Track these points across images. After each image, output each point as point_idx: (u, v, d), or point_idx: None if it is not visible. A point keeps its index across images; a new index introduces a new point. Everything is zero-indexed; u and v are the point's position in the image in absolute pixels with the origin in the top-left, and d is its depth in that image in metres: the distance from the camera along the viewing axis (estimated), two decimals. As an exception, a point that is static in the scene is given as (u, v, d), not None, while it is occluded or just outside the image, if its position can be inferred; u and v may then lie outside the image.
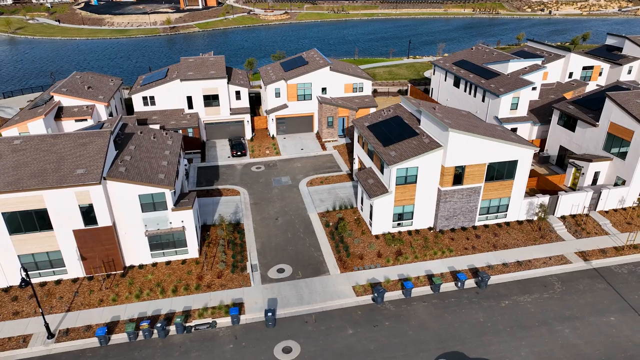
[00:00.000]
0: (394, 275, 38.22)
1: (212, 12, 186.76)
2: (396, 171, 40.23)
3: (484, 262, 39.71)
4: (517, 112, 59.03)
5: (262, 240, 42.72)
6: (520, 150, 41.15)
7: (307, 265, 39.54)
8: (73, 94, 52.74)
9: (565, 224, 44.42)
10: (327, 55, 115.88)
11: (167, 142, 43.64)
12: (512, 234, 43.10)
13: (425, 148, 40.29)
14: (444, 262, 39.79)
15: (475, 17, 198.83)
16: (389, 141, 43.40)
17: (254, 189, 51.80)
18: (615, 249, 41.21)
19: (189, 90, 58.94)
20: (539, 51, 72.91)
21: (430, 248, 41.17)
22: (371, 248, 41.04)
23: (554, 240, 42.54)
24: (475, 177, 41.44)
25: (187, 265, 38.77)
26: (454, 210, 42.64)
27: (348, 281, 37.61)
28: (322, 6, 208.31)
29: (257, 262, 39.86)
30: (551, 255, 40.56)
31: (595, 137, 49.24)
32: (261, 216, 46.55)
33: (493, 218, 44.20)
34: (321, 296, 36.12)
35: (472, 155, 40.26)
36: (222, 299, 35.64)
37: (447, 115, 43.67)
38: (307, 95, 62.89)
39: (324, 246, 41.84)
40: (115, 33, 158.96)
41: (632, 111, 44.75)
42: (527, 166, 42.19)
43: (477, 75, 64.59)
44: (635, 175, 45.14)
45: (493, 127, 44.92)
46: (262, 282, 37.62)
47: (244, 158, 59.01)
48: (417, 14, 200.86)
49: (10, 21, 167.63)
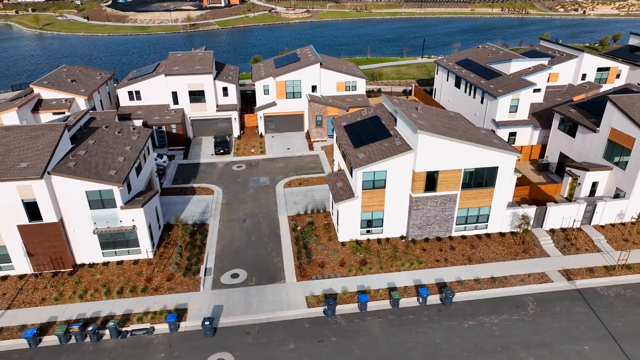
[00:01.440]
0: (354, 286, 35.55)
1: (234, 9, 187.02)
2: (362, 174, 37.54)
3: (454, 276, 36.50)
4: (517, 115, 55.01)
5: (223, 243, 40.82)
6: (501, 156, 37.70)
7: (264, 271, 37.36)
8: (54, 86, 52.38)
9: (553, 238, 40.56)
10: (338, 54, 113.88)
11: (132, 137, 42.32)
12: (492, 247, 39.62)
13: (395, 151, 37.41)
14: (411, 274, 36.81)
15: (503, 17, 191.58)
16: (360, 142, 40.71)
17: (230, 188, 50.01)
18: (605, 269, 37.17)
19: (174, 85, 57.75)
20: (550, 51, 68.22)
21: (399, 258, 38.24)
22: (334, 256, 38.47)
23: (537, 255, 38.82)
24: (450, 184, 38.23)
25: (138, 266, 37.27)
26: (428, 219, 39.53)
27: (303, 291, 35.20)
28: (345, 5, 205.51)
29: (212, 265, 37.97)
30: (531, 272, 36.93)
31: (596, 144, 44.99)
32: (229, 217, 44.68)
33: (472, 229, 40.81)
34: (270, 305, 33.87)
35: (445, 160, 37.12)
36: (167, 303, 33.89)
37: (425, 116, 40.59)
38: (296, 93, 60.69)
39: (286, 251, 39.56)
40: (137, 30, 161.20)
41: (634, 116, 40.45)
42: (509, 173, 38.65)
43: (478, 75, 60.80)
44: (635, 187, 40.80)
45: (476, 130, 41.51)
46: (213, 287, 35.69)
47: (227, 156, 57.35)
48: (443, 13, 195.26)
49: (39, 17, 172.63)
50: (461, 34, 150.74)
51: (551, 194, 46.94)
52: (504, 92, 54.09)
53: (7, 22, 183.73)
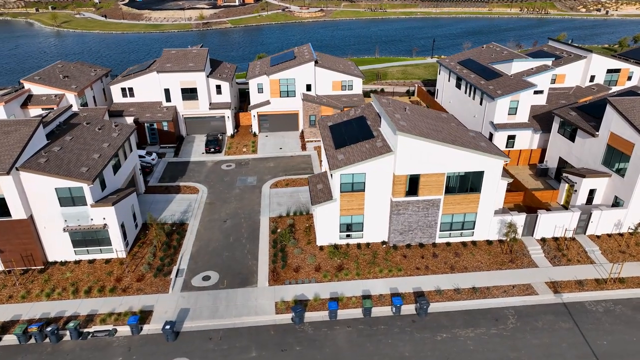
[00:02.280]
0: (327, 292, 34.18)
1: (247, 8, 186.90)
2: (340, 177, 36.11)
3: (433, 285, 34.78)
4: (517, 117, 52.73)
5: (200, 244, 39.90)
6: (487, 161, 35.80)
7: (237, 274, 36.27)
8: (44, 82, 52.32)
9: (543, 248, 38.44)
10: (345, 54, 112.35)
11: (112, 134, 41.75)
12: (477, 255, 37.73)
13: (375, 152, 35.88)
14: (388, 282, 35.23)
15: (522, 16, 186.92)
16: (342, 143, 39.28)
17: (216, 187, 49.12)
18: (596, 282, 34.94)
19: (166, 82, 57.17)
20: (558, 51, 65.52)
21: (377, 265, 36.69)
22: (310, 260, 37.14)
23: (524, 265, 36.79)
24: (433, 189, 36.50)
25: (110, 265, 36.61)
26: (409, 225, 37.86)
27: (273, 296, 33.98)
28: (360, 4, 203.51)
29: (185, 267, 37.05)
30: (516, 283, 34.95)
31: (595, 149, 42.61)
32: (210, 217, 43.76)
33: (457, 235, 38.97)
34: (238, 310, 32.75)
35: (427, 163, 35.42)
36: (133, 304, 33.09)
37: (411, 117, 38.94)
38: (290, 91, 59.51)
39: (262, 254, 38.40)
40: (150, 28, 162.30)
41: (634, 120, 38.03)
42: (495, 178, 36.70)
43: (479, 76, 58.62)
44: (634, 195, 38.38)
45: (464, 133, 39.62)
46: (182, 289, 34.76)
47: (218, 155, 56.52)
48: (459, 13, 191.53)
49: (57, 15, 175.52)
50: (475, 35, 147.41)
51: (547, 201, 44.74)
52: (502, 93, 51.89)
53: (28, 19, 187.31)
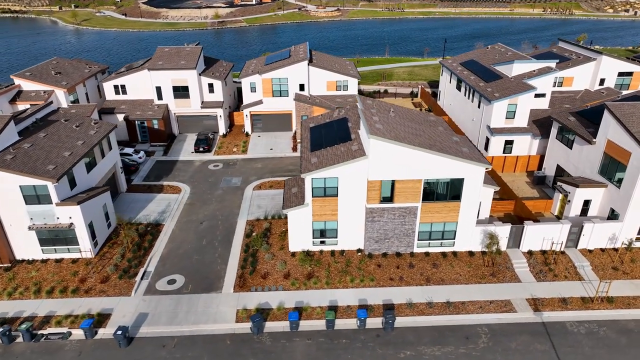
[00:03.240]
0: (292, 301, 32.72)
1: (264, 7, 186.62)
2: (312, 181, 34.59)
3: (405, 297, 32.92)
4: (515, 121, 50.17)
5: (172, 245, 38.96)
6: (467, 167, 33.71)
7: (204, 278, 35.15)
8: (35, 78, 52.40)
9: (529, 262, 36.09)
10: (353, 54, 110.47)
11: (89, 132, 41.23)
12: (456, 267, 35.66)
13: (349, 156, 34.23)
14: (358, 292, 33.54)
15: (544, 17, 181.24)
16: (319, 145, 37.74)
17: (199, 188, 48.22)
18: (581, 300, 32.49)
19: (157, 80, 56.61)
20: (567, 53, 62.38)
21: (350, 274, 35.02)
22: (280, 267, 35.74)
23: (506, 280, 34.54)
24: (409, 196, 34.62)
25: (76, 265, 35.98)
26: (385, 232, 36.06)
27: (236, 303, 32.71)
28: (377, 4, 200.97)
29: (152, 269, 36.14)
30: (494, 298, 32.79)
31: (592, 157, 39.93)
32: (188, 218, 42.82)
33: (437, 245, 36.95)
34: (197, 317, 31.60)
35: (403, 169, 33.57)
36: (93, 307, 32.31)
37: (392, 119, 37.14)
38: (283, 91, 58.21)
39: (233, 259, 37.19)
40: (166, 26, 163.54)
41: (631, 127, 35.33)
42: (476, 186, 34.56)
43: (478, 77, 56.18)
44: (630, 208, 35.67)
45: (447, 138, 37.55)
46: (145, 292, 33.82)
47: (207, 154, 55.66)
48: (479, 13, 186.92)
49: (77, 13, 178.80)
50: (492, 36, 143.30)
51: (540, 211, 42.25)
52: (500, 96, 49.44)
53: (51, 17, 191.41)
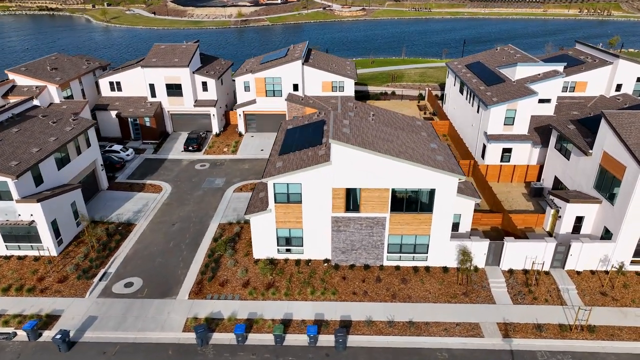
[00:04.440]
0: (246, 312, 31.16)
1: (288, 6, 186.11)
2: (274, 186, 32.92)
3: (365, 314, 30.79)
4: (514, 128, 46.95)
5: (138, 247, 38.11)
6: (438, 177, 31.24)
7: (162, 283, 34.06)
8: (29, 73, 52.86)
9: (508, 281, 33.24)
10: (367, 54, 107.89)
11: (65, 128, 40.93)
12: (427, 284, 33.20)
13: (313, 161, 32.37)
14: (316, 305, 31.64)
15: (580, 18, 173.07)
16: (288, 149, 36.02)
17: (180, 188, 47.37)
18: (559, 327, 29.49)
19: (150, 77, 56.21)
20: (584, 56, 58.28)
21: (311, 285, 33.15)
22: (241, 274, 34.24)
23: (480, 300, 31.86)
24: (377, 205, 32.44)
25: (38, 263, 35.57)
26: (352, 243, 33.98)
27: (188, 311, 31.41)
28: (404, 4, 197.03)
29: (113, 271, 35.34)
30: (462, 320, 30.23)
31: (588, 170, 36.58)
32: (161, 219, 41.95)
33: (409, 259, 34.58)
34: (145, 324, 30.48)
35: (368, 177, 31.45)
36: (44, 307, 31.71)
37: (366, 124, 35.02)
38: (277, 91, 56.75)
39: (196, 263, 35.96)
40: (190, 24, 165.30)
41: (628, 139, 31.95)
42: (449, 198, 32.02)
43: (481, 80, 53.06)
44: (623, 227, 32.28)
45: (423, 145, 35.08)
46: (100, 295, 33.00)
47: (197, 154, 54.83)
48: (510, 14, 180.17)
49: (106, 11, 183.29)
50: (519, 37, 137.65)
51: (530, 226, 39.14)
52: (498, 100, 46.35)
53: (84, 15, 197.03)
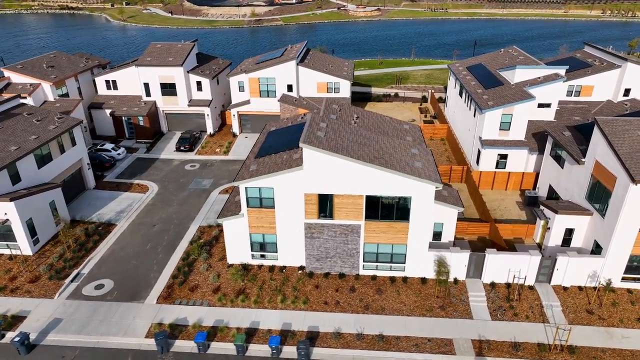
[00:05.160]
0: (212, 319, 30.31)
1: (303, 6, 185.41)
2: (246, 190, 31.99)
3: (334, 326, 29.58)
4: (510, 134, 45.04)
5: (115, 248, 37.67)
6: (414, 185, 29.83)
7: (132, 286, 33.48)
8: (25, 71, 53.13)
9: (489, 295, 31.60)
10: (377, 55, 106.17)
11: (49, 127, 40.80)
12: (402, 295, 31.80)
13: (286, 165, 31.32)
14: (285, 315, 30.58)
15: (603, 20, 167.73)
16: (265, 152, 35.03)
17: (167, 188, 46.89)
18: (537, 347, 27.78)
19: (145, 76, 55.98)
20: (591, 58, 55.77)
21: (282, 293, 32.10)
22: (213, 280, 33.42)
23: (457, 315, 30.32)
24: (350, 212, 31.20)
25: (12, 262, 35.41)
26: (327, 251, 32.80)
27: (154, 316, 30.71)
28: (420, 4, 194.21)
29: (86, 272, 34.92)
30: (435, 336, 28.76)
31: (581, 179, 34.62)
32: (142, 220, 41.48)
33: (386, 269, 33.22)
34: (109, 328, 29.89)
35: (341, 183, 30.25)
36: (11, 307, 31.43)
37: (344, 127, 33.81)
38: (270, 91, 55.87)
39: (169, 267, 35.30)
40: (204, 23, 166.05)
41: (619, 148, 29.99)
42: (427, 206, 30.56)
43: (479, 83, 51.21)
44: (612, 241, 30.31)
45: (404, 150, 33.65)
46: (69, 296, 32.57)
47: (189, 154, 54.37)
48: (529, 15, 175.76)
49: (124, 10, 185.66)
50: (535, 39, 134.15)
51: (520, 237, 37.31)
52: (494, 104, 44.52)
53: (102, 14, 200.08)
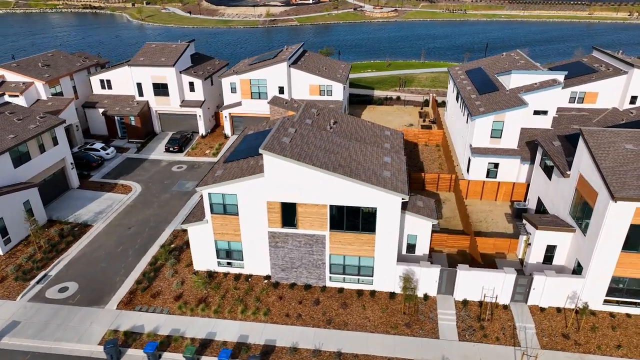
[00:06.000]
0: (169, 328, 29.50)
1: (319, 7, 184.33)
2: (209, 196, 31.09)
3: (292, 340, 28.39)
4: (502, 142, 43.00)
5: (87, 250, 37.32)
6: (379, 196, 28.39)
7: (96, 289, 32.99)
8: (19, 70, 53.58)
9: (459, 314, 29.90)
10: (383, 56, 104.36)
11: (29, 126, 40.80)
12: (368, 310, 30.37)
13: (250, 172, 30.30)
14: (244, 326, 29.53)
15: (629, 22, 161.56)
16: (235, 157, 34.09)
17: (150, 189, 46.48)
18: (503, 373, 26.05)
19: (138, 76, 55.81)
20: (598, 63, 53.04)
21: (244, 303, 31.07)
22: (176, 286, 32.65)
23: (422, 334, 28.73)
24: (315, 222, 29.95)
25: (-17, 262, 35.47)
26: (292, 261, 31.62)
27: (112, 322, 30.10)
28: (439, 5, 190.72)
29: (54, 273, 34.62)
30: (396, 356, 27.26)
31: (566, 193, 32.54)
32: (120, 222, 41.09)
33: (354, 282, 31.83)
34: (65, 333, 29.39)
35: (304, 191, 29.04)
36: (-26, 308, 31.38)
37: (319, 133, 32.58)
38: (262, 93, 54.99)
39: (136, 271, 34.69)
40: (220, 23, 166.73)
41: (602, 162, 27.91)
42: (393, 218, 29.07)
43: (475, 88, 49.21)
44: (592, 261, 28.25)
45: (375, 158, 32.19)
46: (32, 299, 32.27)
47: (178, 155, 53.94)
48: (551, 16, 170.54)
49: (142, 10, 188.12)
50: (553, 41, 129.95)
51: (503, 251, 35.39)
52: (485, 111, 42.56)
53: (123, 13, 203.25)
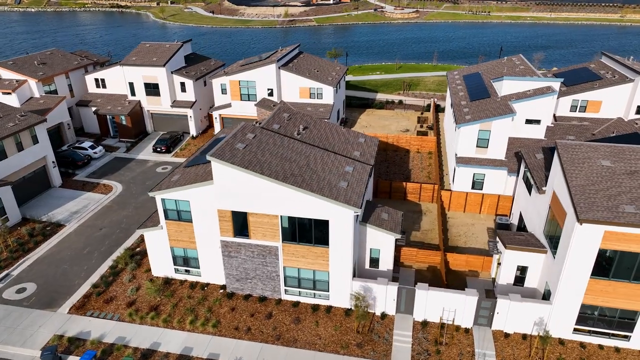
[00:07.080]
0: (114, 336, 28.80)
1: (339, 7, 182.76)
2: (162, 202, 30.28)
3: (236, 355, 27.24)
4: (488, 152, 40.75)
5: (54, 250, 37.15)
6: (331, 208, 26.91)
7: (53, 292, 32.67)
8: (14, 67, 54.28)
9: (417, 335, 28.11)
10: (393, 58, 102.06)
11: (7, 125, 41.05)
12: (321, 327, 28.92)
13: (202, 178, 29.32)
14: (190, 338, 28.55)
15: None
16: (196, 161, 33.19)
17: (130, 190, 46.22)
18: (451, 405, 24.18)
19: (129, 76, 55.83)
20: (604, 70, 49.89)
21: (194, 313, 30.11)
22: (130, 293, 31.98)
23: (374, 356, 27.10)
24: (267, 233, 28.71)
25: (-50, 259, 35.71)
26: (246, 272, 30.46)
27: (60, 327, 29.62)
28: (462, 6, 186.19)
29: (15, 274, 34.52)
30: (340, 378, 25.79)
31: (542, 210, 30.28)
32: (94, 222, 40.87)
33: (310, 296, 30.43)
34: (10, 337, 29.01)
35: (255, 200, 27.83)
36: None
37: (271, 141, 31.36)
38: (251, 95, 54.09)
39: (96, 275, 34.23)
40: (239, 23, 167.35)
41: (573, 179, 25.67)
42: (346, 232, 27.53)
43: (467, 94, 46.97)
44: (560, 286, 26.02)
45: (335, 167, 30.68)
46: (-12, 299, 32.30)
47: (166, 155, 53.63)
48: (579, 19, 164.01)
49: (164, 9, 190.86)
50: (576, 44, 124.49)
51: (476, 269, 33.33)
52: (472, 119, 40.42)
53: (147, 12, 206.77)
